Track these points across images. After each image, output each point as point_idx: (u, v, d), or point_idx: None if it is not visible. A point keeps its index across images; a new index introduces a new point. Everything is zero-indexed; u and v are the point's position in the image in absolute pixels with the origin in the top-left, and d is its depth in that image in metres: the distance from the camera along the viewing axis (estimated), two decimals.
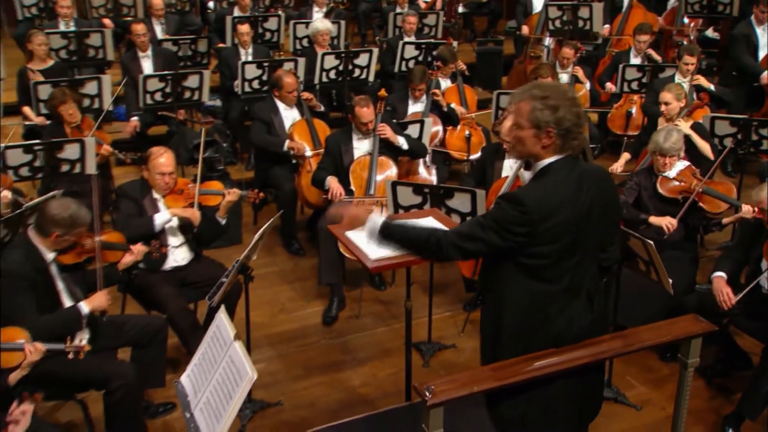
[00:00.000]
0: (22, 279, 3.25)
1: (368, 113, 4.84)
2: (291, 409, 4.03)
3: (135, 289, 4.21)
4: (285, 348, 4.59)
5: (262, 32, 7.44)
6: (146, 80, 5.94)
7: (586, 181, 2.54)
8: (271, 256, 5.66)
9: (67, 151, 4.82)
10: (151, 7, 7.55)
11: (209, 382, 2.86)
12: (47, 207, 3.44)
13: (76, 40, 6.72)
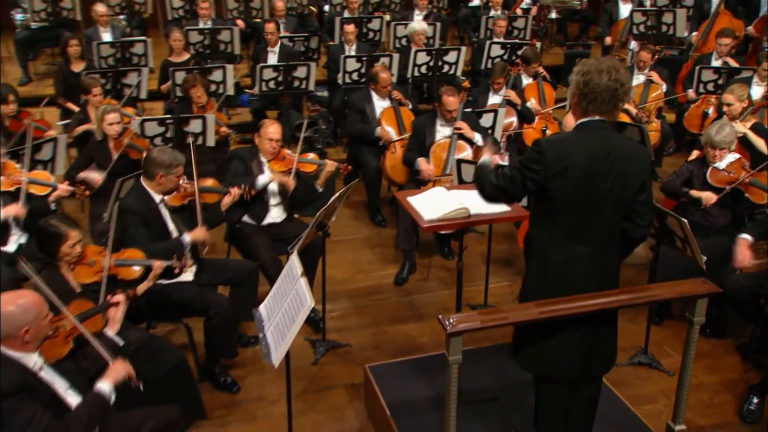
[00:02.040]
0: (137, 215, 3.73)
1: (453, 102, 5.10)
2: (358, 350, 4.36)
3: (237, 240, 4.67)
4: (359, 301, 4.93)
5: (366, 31, 7.83)
6: (262, 70, 6.45)
7: (615, 149, 2.67)
8: (358, 226, 6.03)
9: (192, 125, 5.36)
10: (275, 9, 8.10)
11: (279, 309, 3.22)
12: (150, 153, 3.91)
13: (210, 36, 7.35)
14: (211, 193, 4.29)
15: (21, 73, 8.27)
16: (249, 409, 3.88)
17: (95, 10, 7.70)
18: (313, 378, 4.14)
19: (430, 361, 3.85)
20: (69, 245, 3.26)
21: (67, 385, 2.75)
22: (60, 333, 2.85)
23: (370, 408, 3.80)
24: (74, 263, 3.34)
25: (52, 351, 2.78)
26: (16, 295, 2.56)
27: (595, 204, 2.69)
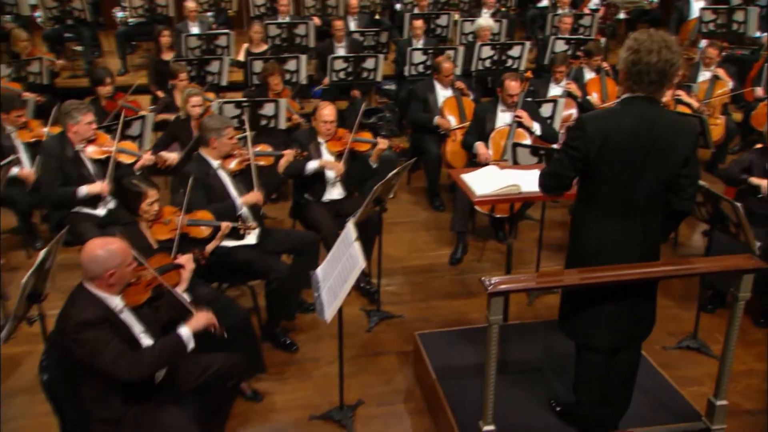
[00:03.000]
0: (195, 179, 3.90)
1: (515, 86, 5.08)
2: (410, 322, 4.41)
3: (300, 215, 4.80)
4: (414, 277, 4.98)
5: (433, 27, 7.86)
6: (333, 60, 6.58)
7: (658, 123, 2.62)
8: (417, 210, 6.08)
9: (265, 109, 5.55)
10: (348, 6, 8.25)
11: (334, 271, 3.32)
12: (202, 121, 4.09)
13: (287, 30, 7.56)
14: (266, 157, 4.43)
15: (120, 64, 8.72)
16: (305, 368, 4.00)
17: (186, 6, 8.06)
18: (366, 344, 4.23)
19: (477, 332, 3.85)
20: (148, 203, 3.45)
21: (142, 329, 2.90)
22: (141, 282, 3.00)
23: (418, 373, 3.84)
24: (152, 221, 3.54)
25: (132, 297, 2.91)
26: (105, 242, 2.74)
27: (636, 177, 2.65)
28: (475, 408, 2.97)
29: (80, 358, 2.64)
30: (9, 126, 4.82)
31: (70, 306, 2.70)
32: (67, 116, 4.30)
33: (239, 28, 9.43)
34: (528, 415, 3.22)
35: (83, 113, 4.30)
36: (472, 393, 3.31)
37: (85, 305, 2.67)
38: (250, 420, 3.57)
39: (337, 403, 3.60)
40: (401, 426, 3.53)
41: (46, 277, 3.19)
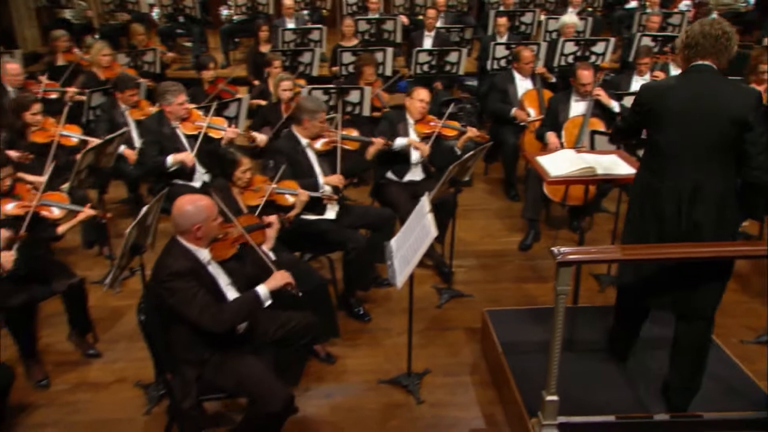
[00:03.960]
0: (284, 155, 4.00)
1: (587, 75, 4.93)
2: (480, 301, 4.35)
3: (379, 194, 4.84)
4: (485, 260, 4.91)
5: (517, 25, 7.72)
6: (418, 53, 6.59)
7: (717, 91, 2.66)
8: (492, 199, 6.00)
9: (351, 96, 5.62)
10: (436, 3, 8.24)
11: (407, 241, 3.33)
12: (299, 101, 4.16)
13: (376, 25, 7.64)
14: (353, 141, 4.48)
15: (222, 58, 9.08)
16: (376, 337, 4.03)
17: (284, 4, 8.30)
18: (436, 319, 4.21)
19: (544, 312, 3.75)
20: (242, 170, 3.59)
21: (228, 282, 3.01)
22: (228, 238, 3.12)
23: (484, 348, 3.79)
24: (244, 188, 3.66)
25: (220, 251, 3.03)
26: (193, 198, 2.87)
27: (693, 143, 2.66)
28: (539, 382, 2.90)
29: (170, 305, 2.78)
30: (123, 104, 5.12)
31: (164, 256, 2.85)
32: (161, 98, 4.52)
33: (332, 26, 9.62)
34: (591, 392, 3.11)
35: (175, 95, 4.50)
36: (536, 368, 3.22)
37: (176, 257, 2.81)
38: (322, 379, 3.64)
39: (405, 370, 3.60)
40: (466, 396, 3.50)
41: (147, 232, 3.36)
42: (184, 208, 2.81)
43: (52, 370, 3.70)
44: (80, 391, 3.58)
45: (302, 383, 3.47)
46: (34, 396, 3.52)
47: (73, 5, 8.78)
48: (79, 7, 8.91)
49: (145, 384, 3.56)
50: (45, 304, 3.92)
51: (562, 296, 2.62)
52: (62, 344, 3.92)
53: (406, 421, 3.32)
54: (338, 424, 3.31)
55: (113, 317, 4.22)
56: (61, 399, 3.52)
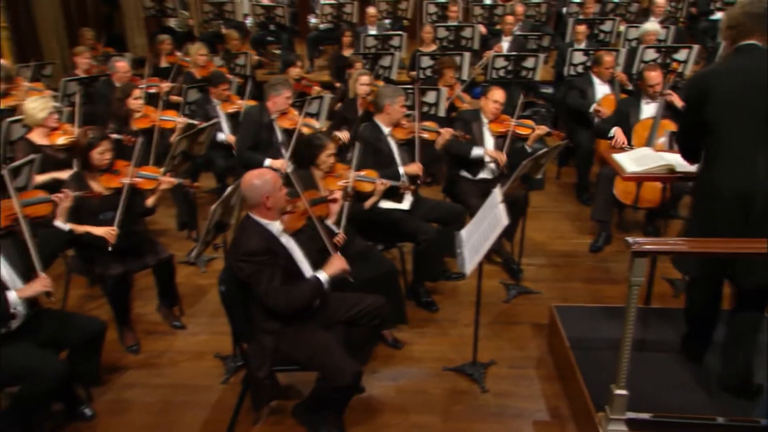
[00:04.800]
0: (368, 143, 4.00)
1: (655, 76, 4.68)
2: (547, 299, 4.19)
3: (451, 190, 4.77)
4: (554, 260, 4.74)
5: (596, 33, 7.46)
6: (495, 58, 6.48)
7: (762, 62, 2.53)
8: (563, 201, 5.79)
9: (428, 96, 5.59)
10: (514, 12, 8.09)
11: (477, 230, 3.25)
12: (379, 89, 4.14)
13: (455, 32, 7.58)
14: (430, 132, 4.44)
15: (308, 64, 9.28)
16: (443, 327, 3.96)
17: (367, 12, 8.40)
18: (503, 313, 4.09)
19: (613, 311, 3.58)
20: (326, 154, 3.62)
21: (301, 253, 3.05)
22: (297, 210, 3.15)
23: (551, 343, 3.65)
24: (326, 173, 3.69)
25: (290, 223, 3.06)
26: (260, 172, 2.92)
27: (751, 124, 2.52)
28: (607, 378, 2.75)
29: (243, 280, 2.82)
30: (216, 99, 5.31)
31: (239, 234, 2.90)
32: (272, 88, 4.65)
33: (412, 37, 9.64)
34: (660, 391, 2.92)
35: (285, 88, 4.66)
36: (604, 364, 3.07)
37: (250, 235, 2.85)
38: (389, 363, 3.60)
39: (471, 359, 3.52)
40: (531, 388, 3.37)
41: (231, 212, 3.45)
42: (252, 182, 2.86)
43: (142, 337, 3.85)
44: (165, 357, 3.71)
45: (370, 365, 3.45)
46: (125, 359, 3.68)
47: (177, 15, 9.20)
48: (182, 17, 9.34)
49: (223, 356, 3.64)
50: (138, 279, 4.10)
51: (636, 287, 2.47)
52: (152, 315, 4.07)
53: (470, 408, 3.23)
54: (403, 406, 3.26)
55: (198, 294, 4.35)
56: (149, 363, 3.65)
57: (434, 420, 3.16)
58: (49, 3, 8.66)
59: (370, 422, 3.15)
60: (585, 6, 7.98)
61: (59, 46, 8.65)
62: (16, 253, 2.90)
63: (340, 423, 3.04)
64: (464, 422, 3.15)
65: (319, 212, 3.26)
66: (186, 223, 5.02)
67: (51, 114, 4.29)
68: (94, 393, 3.34)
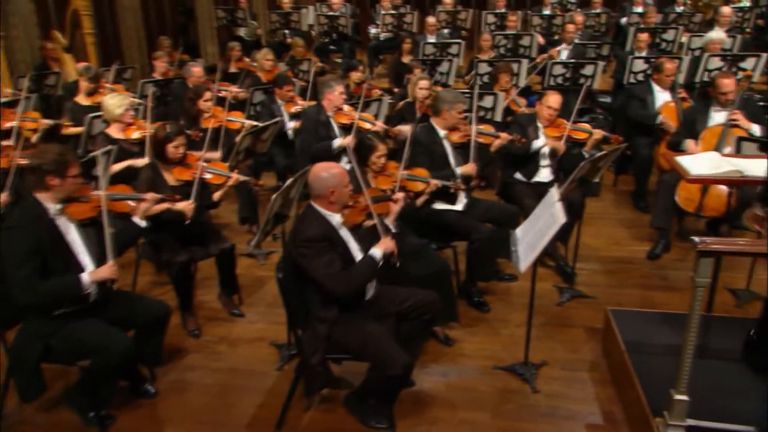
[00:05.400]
0: (422, 145, 3.92)
1: (728, 84, 4.41)
2: (602, 303, 3.99)
3: (506, 192, 4.64)
4: (609, 266, 4.54)
5: (658, 42, 7.17)
6: (553, 65, 6.31)
7: None
8: (620, 208, 5.55)
9: (484, 101, 5.49)
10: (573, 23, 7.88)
11: (533, 229, 3.14)
12: (439, 92, 4.06)
13: (513, 41, 7.45)
14: (486, 136, 4.34)
15: (367, 72, 9.31)
16: (494, 326, 3.84)
17: (427, 22, 8.36)
18: (556, 316, 3.94)
19: (671, 317, 3.39)
20: (377, 155, 3.58)
21: (357, 247, 3.01)
22: (357, 206, 3.12)
23: (606, 347, 3.48)
24: (378, 172, 3.66)
25: (350, 217, 3.04)
26: (328, 165, 2.91)
27: None
28: (664, 383, 2.59)
29: (302, 267, 2.80)
30: (280, 99, 5.38)
31: (300, 222, 2.89)
32: (326, 85, 4.68)
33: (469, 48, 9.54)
34: (722, 399, 2.72)
35: (339, 84, 4.71)
36: (661, 369, 2.90)
37: (310, 222, 2.84)
38: (440, 359, 3.52)
39: (522, 359, 3.39)
40: (584, 391, 3.21)
41: (290, 204, 3.45)
42: (319, 174, 2.84)
43: (203, 323, 3.91)
44: (224, 343, 3.74)
45: (420, 360, 3.38)
46: (187, 342, 3.73)
47: (247, 24, 9.43)
48: (252, 26, 9.55)
49: (279, 344, 3.64)
50: (202, 269, 4.18)
51: (700, 289, 2.31)
52: (213, 303, 4.13)
53: (521, 407, 3.11)
54: (452, 401, 3.17)
55: (257, 285, 4.39)
56: (208, 348, 3.69)
57: (483, 417, 3.05)
58: (132, 13, 9.03)
59: (419, 416, 3.07)
60: (646, 16, 7.69)
61: (139, 53, 9.00)
62: (94, 240, 2.99)
63: (389, 414, 2.98)
64: (514, 421, 3.03)
65: (380, 210, 3.22)
66: (247, 218, 5.08)
67: (127, 110, 4.43)
68: (157, 373, 3.39)
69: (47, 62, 7.02)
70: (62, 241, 2.85)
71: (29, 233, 2.73)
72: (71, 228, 2.91)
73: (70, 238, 2.89)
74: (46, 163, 2.78)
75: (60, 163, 2.80)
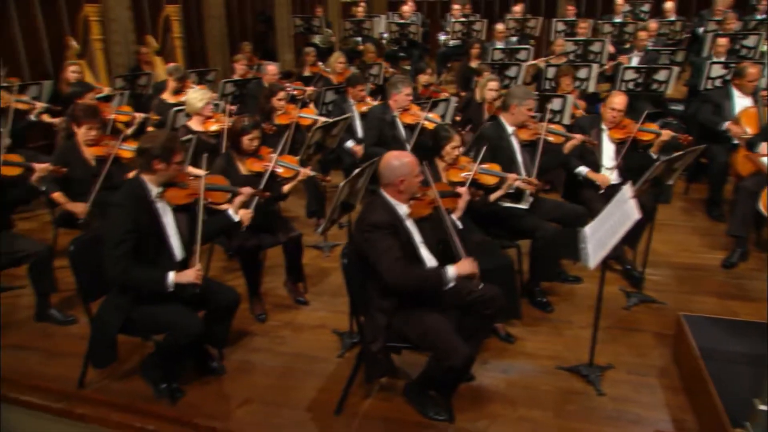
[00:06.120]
0: (490, 140, 3.76)
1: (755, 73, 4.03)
2: (672, 309, 3.71)
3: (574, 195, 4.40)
4: (680, 272, 4.23)
5: (738, 48, 6.68)
6: (624, 70, 6.00)
7: None
8: (692, 216, 5.20)
9: (553, 103, 5.27)
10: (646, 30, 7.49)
11: (604, 226, 2.94)
12: (511, 88, 3.90)
13: (583, 47, 7.15)
14: (556, 135, 4.13)
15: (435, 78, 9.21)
16: (557, 327, 3.63)
17: (496, 29, 8.18)
18: (622, 319, 3.69)
19: (748, 325, 3.09)
20: (451, 146, 3.47)
21: (421, 240, 2.89)
22: (425, 199, 3.01)
23: (677, 353, 3.21)
24: (450, 165, 3.54)
25: (416, 209, 2.92)
26: (400, 154, 2.81)
27: None
28: (744, 393, 2.35)
29: (366, 253, 2.72)
30: (352, 99, 5.36)
31: (367, 208, 2.81)
32: (393, 87, 4.61)
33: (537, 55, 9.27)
34: None
35: (405, 85, 4.60)
36: (739, 378, 2.65)
37: (377, 209, 2.75)
38: (501, 355, 3.35)
39: (586, 361, 3.18)
40: (653, 397, 2.96)
41: (357, 194, 3.39)
42: (390, 162, 2.75)
43: (269, 309, 3.90)
44: (288, 329, 3.72)
45: (481, 356, 3.22)
46: (253, 326, 3.73)
47: (322, 32, 9.54)
48: (326, 34, 9.67)
49: (341, 332, 3.58)
50: (270, 258, 4.19)
51: None
52: (279, 290, 4.13)
53: (584, 409, 2.90)
54: (512, 398, 3.00)
55: (321, 275, 4.36)
56: (273, 332, 3.68)
57: (545, 416, 2.87)
58: (217, 21, 9.33)
59: (478, 410, 2.92)
60: (725, 22, 7.20)
61: (222, 57, 9.27)
62: (184, 226, 3.02)
63: (448, 406, 2.85)
64: (577, 422, 2.82)
65: (447, 205, 3.10)
66: (315, 212, 5.08)
67: (207, 104, 4.52)
68: (225, 352, 3.40)
69: (140, 65, 7.34)
70: (158, 222, 2.91)
71: (130, 213, 2.79)
72: (168, 211, 2.97)
73: (165, 221, 2.94)
74: (156, 147, 2.84)
75: (167, 149, 2.86)
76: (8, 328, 3.70)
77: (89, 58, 6.89)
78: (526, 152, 3.94)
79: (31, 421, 3.08)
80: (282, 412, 3.00)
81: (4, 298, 4.04)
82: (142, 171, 2.90)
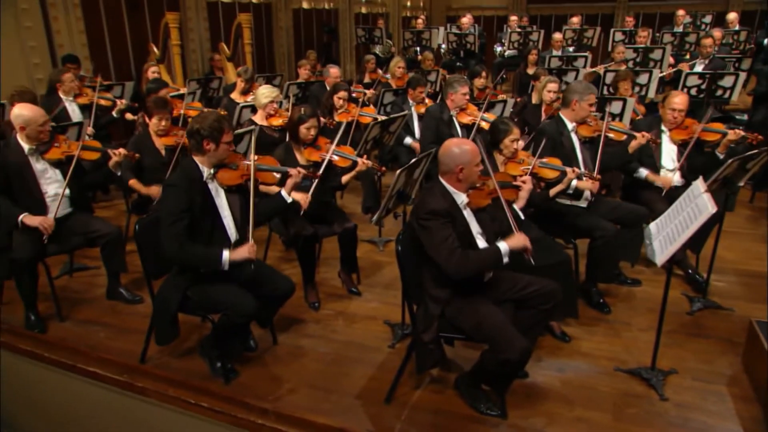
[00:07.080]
0: (549, 138, 3.49)
1: None
2: (739, 316, 3.38)
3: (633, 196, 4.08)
4: (748, 279, 3.84)
5: None
6: (687, 76, 5.59)
7: None
8: (758, 224, 4.78)
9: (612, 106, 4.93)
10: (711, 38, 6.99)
11: (672, 222, 2.66)
12: (571, 84, 3.68)
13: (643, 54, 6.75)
14: (618, 133, 3.84)
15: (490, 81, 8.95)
16: (615, 328, 3.34)
17: (553, 38, 7.87)
18: (686, 324, 3.36)
19: None
20: (510, 139, 3.27)
21: (479, 230, 2.71)
22: (484, 189, 2.82)
23: (748, 361, 2.87)
24: (508, 158, 3.34)
25: (475, 199, 2.75)
26: (460, 141, 2.62)
27: None
28: None
29: (422, 241, 2.55)
30: (411, 100, 5.24)
31: (425, 195, 2.64)
32: (449, 86, 4.44)
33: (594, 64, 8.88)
34: None
35: (462, 85, 4.41)
36: None
37: (435, 196, 2.58)
38: (556, 353, 3.10)
39: (647, 364, 2.88)
40: (721, 405, 2.65)
41: (414, 185, 3.23)
42: (451, 149, 2.58)
43: (323, 297, 3.79)
44: (341, 318, 3.59)
45: (534, 353, 2.98)
46: (307, 313, 3.62)
47: (383, 42, 9.48)
48: (387, 44, 9.60)
49: (393, 323, 3.42)
50: (326, 249, 4.08)
51: None
52: (333, 280, 4.01)
53: (646, 413, 2.61)
54: (568, 398, 2.75)
55: (375, 268, 4.21)
56: (326, 320, 3.56)
57: (604, 418, 2.60)
58: (285, 31, 9.44)
59: (532, 408, 2.69)
60: None
61: (288, 64, 9.38)
62: (237, 207, 2.95)
63: (500, 402, 2.63)
64: (638, 426, 2.54)
65: (507, 196, 2.90)
66: (370, 207, 4.95)
67: (272, 102, 4.48)
68: (279, 337, 3.31)
69: (214, 71, 7.48)
70: (211, 203, 2.84)
71: (185, 192, 2.74)
72: (220, 192, 2.90)
73: (219, 202, 2.87)
74: (204, 128, 2.78)
75: (215, 129, 2.79)
76: (82, 303, 3.75)
77: (168, 63, 7.07)
78: (587, 149, 3.67)
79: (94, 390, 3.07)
80: (331, 397, 2.86)
81: (81, 277, 4.12)
82: (194, 152, 2.84)
